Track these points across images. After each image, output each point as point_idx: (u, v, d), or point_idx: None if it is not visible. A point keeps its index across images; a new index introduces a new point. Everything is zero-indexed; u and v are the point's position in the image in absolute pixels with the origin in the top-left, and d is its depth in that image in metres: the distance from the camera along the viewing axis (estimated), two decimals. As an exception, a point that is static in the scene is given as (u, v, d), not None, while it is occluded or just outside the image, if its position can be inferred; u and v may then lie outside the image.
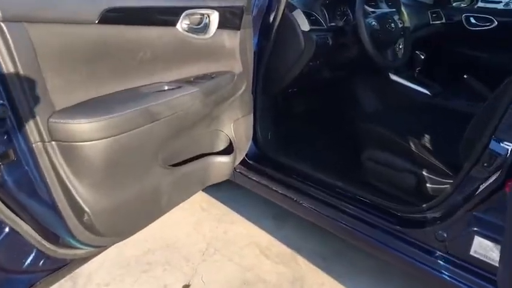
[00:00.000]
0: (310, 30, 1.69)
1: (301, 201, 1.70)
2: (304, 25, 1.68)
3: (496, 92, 1.27)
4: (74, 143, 0.90)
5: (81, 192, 0.97)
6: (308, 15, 1.72)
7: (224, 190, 2.21)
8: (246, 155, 1.72)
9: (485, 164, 1.21)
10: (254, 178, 1.86)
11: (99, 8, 0.94)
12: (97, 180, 0.98)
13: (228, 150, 1.54)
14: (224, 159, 1.47)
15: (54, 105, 0.90)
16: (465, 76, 1.87)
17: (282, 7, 1.65)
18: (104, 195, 1.02)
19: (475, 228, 1.22)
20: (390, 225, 1.45)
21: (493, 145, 1.19)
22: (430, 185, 1.49)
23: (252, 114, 1.72)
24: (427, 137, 1.59)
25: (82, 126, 0.90)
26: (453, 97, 2.01)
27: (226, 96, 1.43)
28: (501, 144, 1.16)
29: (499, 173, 1.16)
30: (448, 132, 1.65)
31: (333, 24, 1.87)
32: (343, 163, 1.85)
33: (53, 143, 0.91)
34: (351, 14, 2.04)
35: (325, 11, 1.86)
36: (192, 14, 1.26)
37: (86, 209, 1.00)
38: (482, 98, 1.88)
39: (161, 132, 1.11)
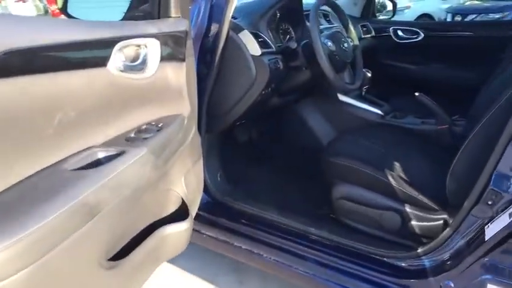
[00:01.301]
0: (262, 54, 1.44)
1: (268, 256, 1.43)
2: (254, 48, 1.42)
3: (485, 122, 1.15)
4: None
5: None
6: (256, 37, 1.46)
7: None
8: (195, 205, 1.41)
9: (490, 203, 1.08)
10: (207, 232, 1.55)
11: (-12, 53, 0.57)
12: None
13: (181, 212, 1.21)
14: (180, 227, 1.14)
15: None
16: (416, 94, 1.78)
17: (225, 28, 1.38)
18: None
19: (488, 276, 1.07)
20: (383, 277, 1.25)
21: (496, 181, 1.06)
22: (416, 223, 1.33)
23: (202, 158, 1.42)
24: (398, 165, 1.44)
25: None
26: (404, 115, 1.92)
27: (176, 147, 1.10)
28: (509, 181, 1.03)
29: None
30: (418, 157, 1.53)
31: (280, 45, 1.65)
32: (311, 204, 1.63)
33: None
34: (293, 32, 1.84)
35: (269, 30, 1.63)
36: (126, 47, 0.92)
37: None
38: (434, 114, 1.82)
39: (106, 227, 0.75)
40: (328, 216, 1.55)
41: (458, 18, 8.07)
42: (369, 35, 2.51)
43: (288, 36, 1.81)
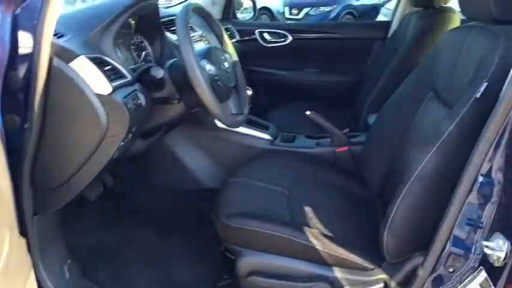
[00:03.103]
0: (114, 90, 0.94)
1: None
2: (100, 84, 0.92)
3: (427, 163, 0.91)
4: None
5: None
6: (100, 64, 0.95)
7: None
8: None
9: (451, 270, 0.85)
10: None
11: None
12: None
13: None
14: None
15: None
16: (307, 112, 1.52)
17: (44, 54, 0.85)
18: None
19: None
20: None
21: (457, 241, 0.84)
22: (351, 290, 1.05)
23: (33, 269, 0.88)
24: (313, 215, 1.14)
25: None
26: (293, 135, 1.64)
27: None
28: (477, 243, 0.81)
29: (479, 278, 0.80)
30: (331, 197, 1.26)
31: (134, 67, 1.17)
32: (209, 278, 1.22)
33: None
34: (148, 47, 1.36)
35: (117, 48, 1.13)
36: None
37: None
38: (325, 132, 1.59)
39: None
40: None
41: (295, 11, 8.49)
42: (233, 40, 2.17)
43: (144, 52, 1.33)
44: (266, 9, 9.29)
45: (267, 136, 1.58)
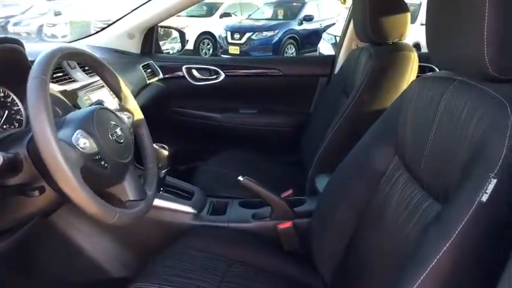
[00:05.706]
0: None
1: None
2: None
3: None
4: None
5: None
6: None
7: None
8: None
9: None
10: None
11: None
12: None
13: None
14: None
15: None
16: (240, 178, 1.20)
17: None
18: None
19: None
20: None
21: None
22: None
23: None
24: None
25: None
26: (224, 203, 1.31)
27: None
28: None
29: None
30: None
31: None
32: None
33: None
34: (17, 101, 0.97)
35: None
36: None
37: None
38: (262, 199, 1.28)
39: None
40: None
41: (237, 35, 8.33)
42: (155, 78, 1.82)
43: (7, 112, 0.94)
44: (208, 34, 9.06)
45: (189, 209, 1.23)
